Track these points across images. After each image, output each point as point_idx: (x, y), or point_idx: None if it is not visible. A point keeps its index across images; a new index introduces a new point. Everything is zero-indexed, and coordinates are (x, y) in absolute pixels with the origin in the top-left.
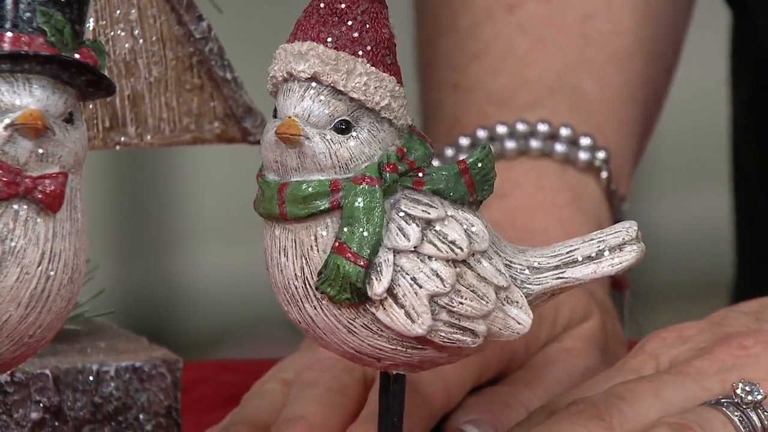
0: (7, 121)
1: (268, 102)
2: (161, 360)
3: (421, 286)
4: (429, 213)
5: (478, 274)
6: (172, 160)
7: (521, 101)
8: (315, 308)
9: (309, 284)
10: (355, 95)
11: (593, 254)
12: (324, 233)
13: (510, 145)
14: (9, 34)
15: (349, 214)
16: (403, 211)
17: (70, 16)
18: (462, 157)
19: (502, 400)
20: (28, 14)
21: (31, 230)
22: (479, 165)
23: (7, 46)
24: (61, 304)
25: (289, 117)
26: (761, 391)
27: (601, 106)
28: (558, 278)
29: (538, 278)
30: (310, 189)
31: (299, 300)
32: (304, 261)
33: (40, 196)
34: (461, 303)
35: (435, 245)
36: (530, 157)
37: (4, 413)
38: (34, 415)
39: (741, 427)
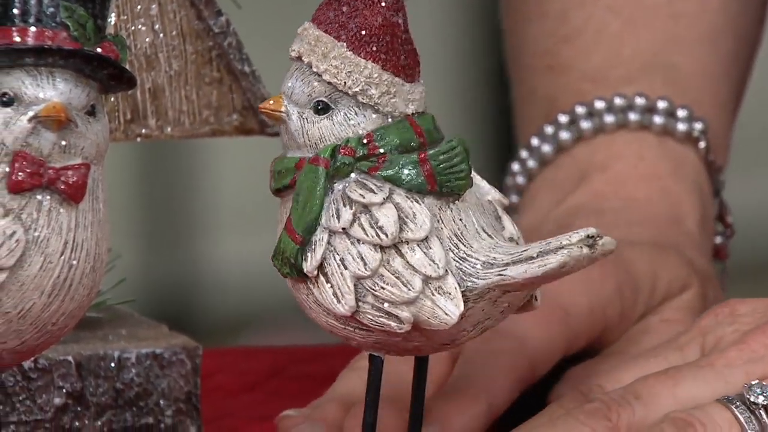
0: (30, 113)
1: None
2: (181, 347)
3: (346, 268)
4: (364, 198)
5: (407, 262)
6: (192, 151)
7: (616, 77)
8: (287, 283)
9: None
10: (326, 78)
11: (534, 255)
12: (288, 208)
13: (609, 119)
14: (33, 28)
15: (297, 192)
16: (345, 194)
17: (93, 11)
18: (563, 134)
19: (603, 372)
20: (51, 9)
21: (54, 220)
22: (441, 157)
23: (31, 41)
24: (83, 292)
25: (280, 94)
26: (761, 399)
27: (695, 81)
28: (499, 275)
29: (486, 273)
30: (282, 165)
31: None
32: (277, 235)
33: (63, 187)
34: (383, 288)
35: (363, 229)
36: (629, 130)
37: (28, 399)
38: (57, 401)
39: (747, 428)
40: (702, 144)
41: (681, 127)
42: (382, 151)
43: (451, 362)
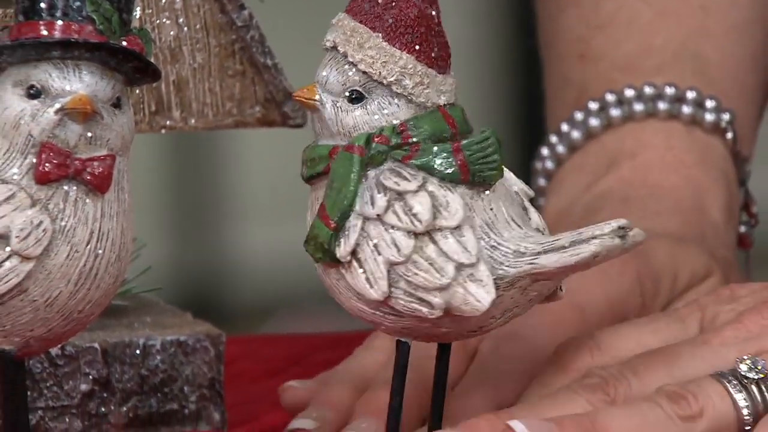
0: (57, 105)
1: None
2: (205, 334)
3: (380, 253)
4: (399, 185)
5: (440, 249)
6: (217, 142)
7: (647, 67)
8: (318, 267)
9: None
10: (361, 67)
11: (566, 244)
12: (321, 195)
13: (638, 107)
14: (60, 22)
15: (331, 178)
16: (380, 181)
17: (118, 5)
18: (593, 121)
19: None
20: (78, 3)
21: (81, 210)
22: (474, 147)
23: (58, 34)
24: (109, 280)
25: (314, 82)
26: (765, 367)
27: (724, 72)
28: (530, 264)
29: (517, 262)
30: (315, 152)
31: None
32: (309, 221)
33: (89, 178)
34: (416, 274)
35: (398, 216)
36: (658, 119)
37: (55, 385)
38: (84, 387)
39: (739, 402)
40: (729, 134)
41: (709, 117)
42: (415, 140)
43: (467, 361)
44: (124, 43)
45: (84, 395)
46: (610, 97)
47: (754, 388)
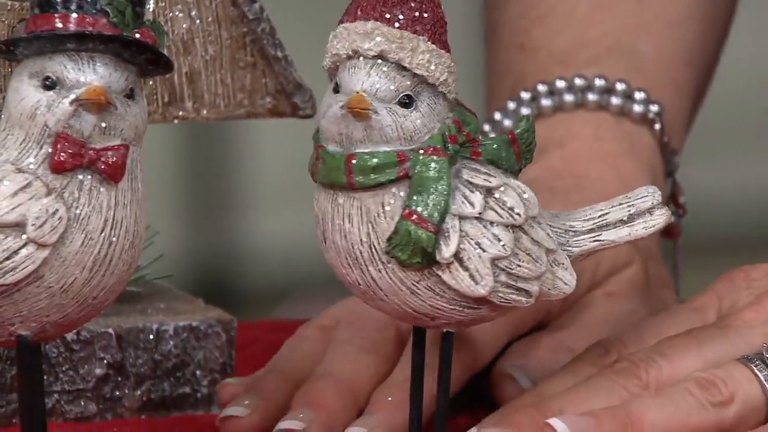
0: (72, 96)
1: (317, 79)
2: (216, 320)
3: (484, 250)
4: (490, 181)
5: (532, 238)
6: (228, 132)
7: (582, 59)
8: (379, 271)
9: (375, 249)
10: (418, 71)
11: (625, 217)
12: (391, 201)
13: (568, 98)
14: (74, 15)
15: (419, 183)
16: (467, 180)
17: None
18: (523, 110)
19: (546, 345)
20: None
21: (95, 199)
22: (525, 136)
23: (72, 27)
24: (122, 267)
25: (357, 92)
26: None
27: (657, 67)
28: (595, 240)
29: (576, 241)
30: (377, 160)
31: (363, 263)
32: (370, 227)
33: (103, 167)
34: (519, 265)
35: (496, 211)
36: (587, 109)
37: (71, 369)
38: (99, 371)
39: (767, 384)
40: (657, 126)
41: (637, 108)
42: (472, 136)
43: (399, 348)
44: (137, 36)
45: (99, 379)
46: (541, 88)
47: None
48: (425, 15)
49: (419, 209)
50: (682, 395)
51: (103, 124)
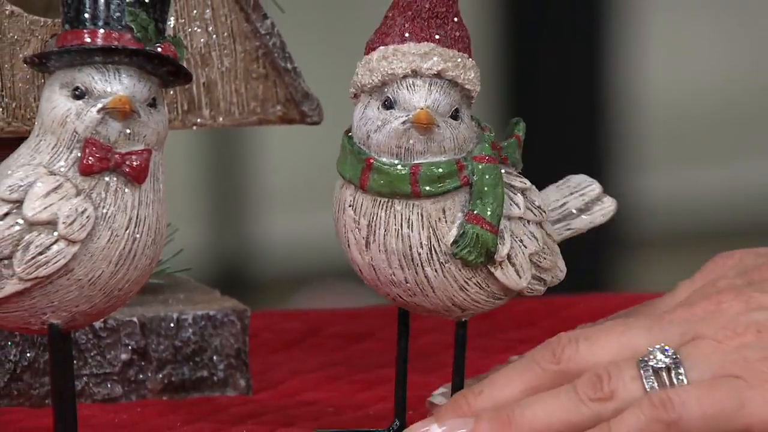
0: (99, 105)
1: (323, 89)
2: (232, 309)
3: (526, 247)
4: (525, 183)
5: (547, 232)
6: (242, 138)
7: None
8: (435, 270)
9: (435, 250)
10: (467, 86)
11: (582, 206)
12: (451, 206)
13: None
14: (102, 30)
15: (481, 189)
16: (508, 183)
17: (154, 15)
18: None
19: None
20: (118, 14)
21: (120, 199)
22: (524, 137)
23: (100, 41)
24: (145, 262)
25: (422, 108)
26: (665, 360)
27: None
28: (568, 229)
29: (556, 229)
30: (442, 170)
31: (420, 263)
32: (431, 231)
33: (127, 170)
34: (545, 258)
35: (531, 211)
36: None
37: (98, 354)
38: (124, 356)
39: (647, 386)
40: None
41: None
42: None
43: None
44: (159, 50)
45: (124, 363)
46: None
47: (663, 373)
48: (461, 34)
49: (482, 213)
50: (567, 392)
51: (128, 131)
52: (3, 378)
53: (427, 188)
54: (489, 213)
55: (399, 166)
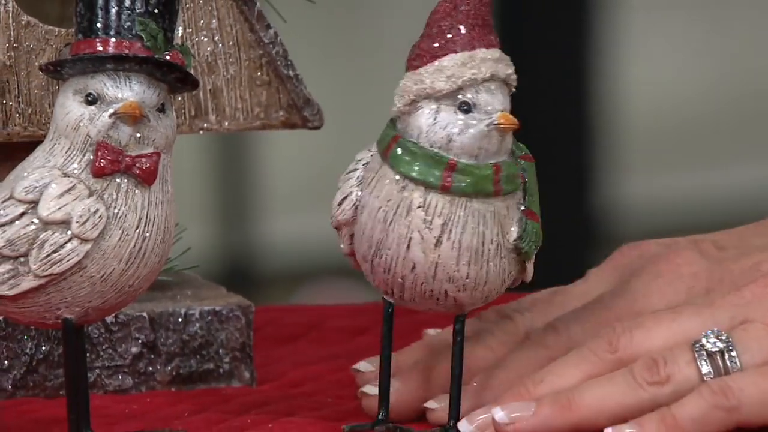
0: (111, 110)
1: (323, 95)
2: (237, 305)
3: None
4: None
5: None
6: (246, 142)
7: None
8: (496, 265)
9: (501, 245)
10: (513, 90)
11: None
12: (511, 204)
13: None
14: (113, 40)
15: (531, 186)
16: None
17: (163, 24)
18: None
19: None
20: (128, 24)
21: (131, 199)
22: None
23: (111, 50)
24: (155, 260)
25: (502, 111)
26: (719, 344)
27: None
28: None
29: None
30: (512, 170)
31: (487, 259)
32: (500, 227)
33: (137, 172)
34: None
35: None
36: None
37: (110, 348)
38: (134, 350)
39: (702, 369)
40: None
41: None
42: None
43: None
44: (168, 58)
45: (134, 356)
46: None
47: (717, 357)
48: (494, 32)
49: (534, 208)
50: (624, 376)
51: (138, 135)
52: (20, 370)
53: (507, 187)
54: (537, 208)
55: (483, 167)
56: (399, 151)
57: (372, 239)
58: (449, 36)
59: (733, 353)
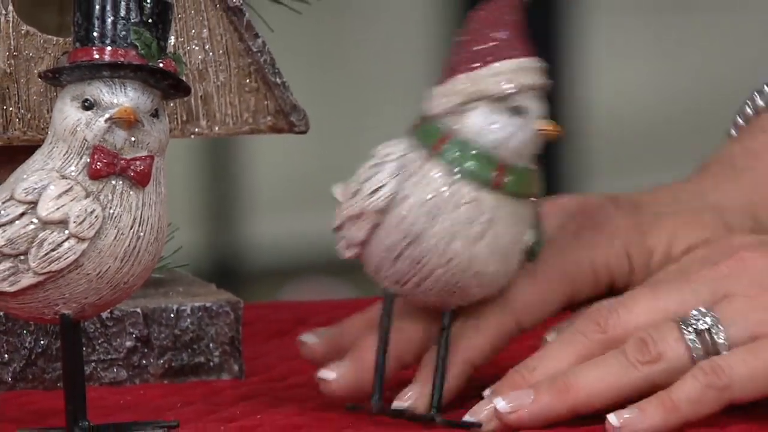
0: (107, 115)
1: (309, 101)
2: (226, 301)
3: None
4: None
5: None
6: (236, 146)
7: None
8: (517, 262)
9: (522, 245)
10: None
11: None
12: (534, 206)
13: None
14: (109, 48)
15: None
16: None
17: (156, 34)
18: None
19: None
20: (124, 33)
21: (126, 200)
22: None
23: (107, 58)
24: (148, 258)
25: (543, 117)
26: (707, 321)
27: None
28: None
29: None
30: (539, 173)
31: (513, 257)
32: (525, 227)
33: (132, 174)
34: None
35: None
36: None
37: (105, 342)
38: (128, 344)
39: (690, 346)
40: None
41: None
42: None
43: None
44: (162, 65)
45: (128, 350)
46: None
47: (705, 334)
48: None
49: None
50: (616, 357)
51: (133, 139)
52: (19, 363)
53: (539, 190)
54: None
55: (528, 169)
56: (452, 147)
57: (410, 230)
58: (500, 42)
59: (720, 328)
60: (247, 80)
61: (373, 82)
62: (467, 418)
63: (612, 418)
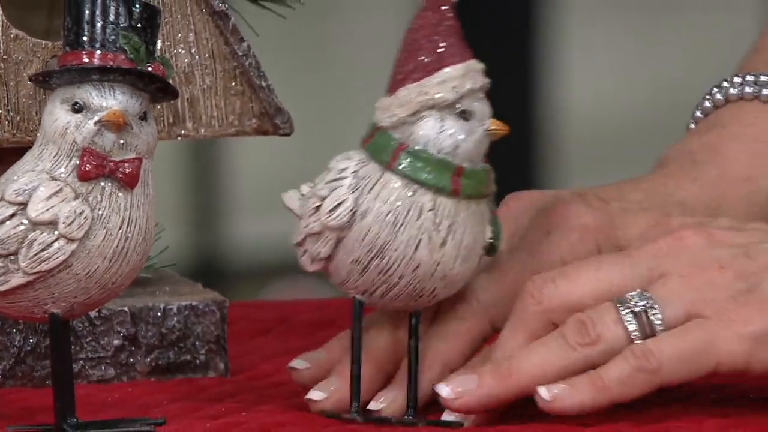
0: (96, 118)
1: (293, 104)
2: (212, 300)
3: None
4: None
5: None
6: (222, 148)
7: None
8: (477, 262)
9: (482, 245)
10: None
11: None
12: (488, 205)
13: (750, 90)
14: (98, 52)
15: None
16: None
17: (145, 38)
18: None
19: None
20: (113, 37)
21: (114, 202)
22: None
23: (97, 61)
24: (136, 258)
25: (491, 118)
26: (643, 302)
27: None
28: None
29: None
30: (492, 172)
31: (475, 257)
32: (486, 227)
33: (121, 176)
34: None
35: None
36: (762, 101)
37: (93, 340)
38: (116, 342)
39: (628, 327)
40: None
41: None
42: None
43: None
44: (150, 69)
45: (116, 348)
46: (749, 78)
47: (642, 315)
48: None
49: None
50: (556, 340)
51: (121, 141)
52: (8, 361)
53: (493, 189)
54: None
55: (481, 171)
56: (408, 158)
57: (375, 242)
58: (443, 49)
59: (656, 307)
60: (233, 83)
61: (356, 85)
62: (446, 417)
63: (543, 391)
